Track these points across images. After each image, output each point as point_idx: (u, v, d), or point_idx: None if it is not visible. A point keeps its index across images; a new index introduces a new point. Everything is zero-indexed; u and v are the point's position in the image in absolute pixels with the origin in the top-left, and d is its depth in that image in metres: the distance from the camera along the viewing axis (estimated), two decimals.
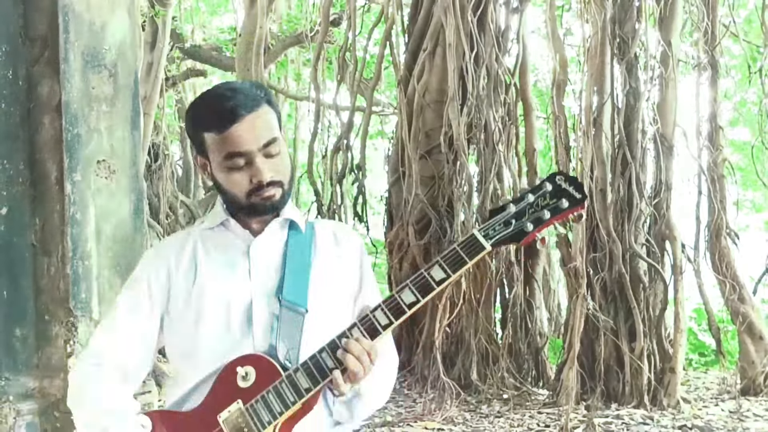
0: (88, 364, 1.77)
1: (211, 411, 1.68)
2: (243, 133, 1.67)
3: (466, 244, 1.66)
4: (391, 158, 8.39)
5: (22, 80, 3.18)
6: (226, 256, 1.79)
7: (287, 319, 1.72)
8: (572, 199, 1.66)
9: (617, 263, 6.16)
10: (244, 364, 1.68)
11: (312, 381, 1.64)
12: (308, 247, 1.82)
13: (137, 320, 1.78)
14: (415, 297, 1.65)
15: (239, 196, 1.73)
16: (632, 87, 6.42)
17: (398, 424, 5.58)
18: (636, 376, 6.07)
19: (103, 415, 1.71)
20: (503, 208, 1.68)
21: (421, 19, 7.80)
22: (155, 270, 1.80)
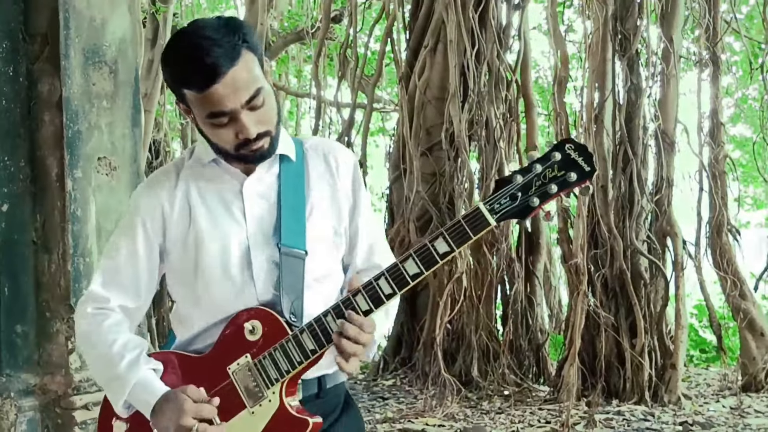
0: (92, 308, 1.78)
1: (220, 361, 1.72)
2: (225, 92, 1.60)
3: (471, 217, 1.61)
4: (392, 155, 8.38)
5: (22, 77, 3.18)
6: (219, 196, 1.77)
7: (288, 267, 1.72)
8: (581, 171, 1.58)
9: (618, 260, 6.15)
10: (250, 318, 1.71)
11: (317, 343, 1.66)
12: (301, 177, 1.80)
13: (136, 259, 1.78)
14: (418, 269, 1.63)
15: (227, 148, 1.70)
16: (633, 83, 6.42)
17: (399, 420, 5.59)
18: (637, 372, 6.08)
19: (113, 364, 1.73)
20: (510, 179, 1.61)
21: (422, 16, 7.78)
22: (150, 209, 1.78)
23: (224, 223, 1.76)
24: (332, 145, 1.89)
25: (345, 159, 1.86)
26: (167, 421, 1.66)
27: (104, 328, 1.77)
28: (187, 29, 1.67)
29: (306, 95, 12.36)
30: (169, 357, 1.80)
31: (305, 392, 1.77)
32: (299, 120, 14.00)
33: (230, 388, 1.71)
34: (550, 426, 5.36)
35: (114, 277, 1.80)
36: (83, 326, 1.80)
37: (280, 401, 1.70)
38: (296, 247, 1.73)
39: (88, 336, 1.79)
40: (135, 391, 1.71)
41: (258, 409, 1.70)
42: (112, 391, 1.75)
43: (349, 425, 1.87)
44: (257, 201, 1.77)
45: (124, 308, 1.81)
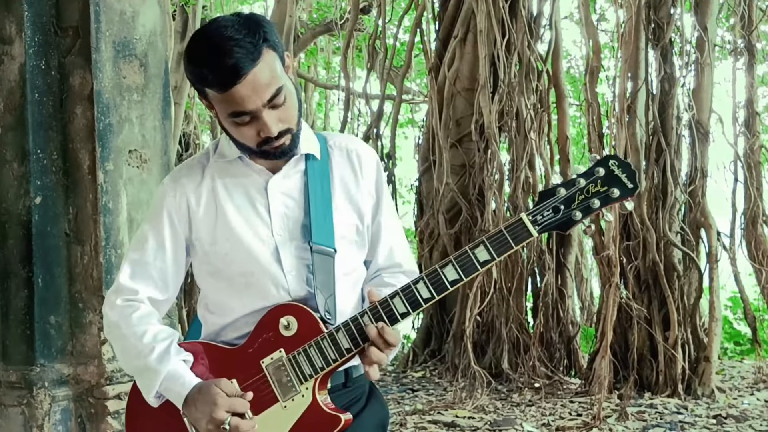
0: (121, 300, 1.80)
1: (253, 354, 1.73)
2: (246, 92, 1.61)
3: (513, 228, 1.64)
4: (421, 147, 8.35)
5: (54, 70, 3.20)
6: (245, 192, 1.79)
7: (319, 265, 1.73)
8: (623, 188, 1.61)
9: (651, 251, 6.10)
10: (285, 314, 1.72)
11: (353, 343, 1.68)
12: (326, 175, 1.81)
13: (164, 251, 1.80)
14: (458, 275, 1.65)
15: (249, 145, 1.71)
16: (667, 73, 6.34)
17: (429, 413, 5.58)
18: (670, 365, 6.03)
19: (143, 355, 1.74)
20: (553, 191, 1.64)
21: (452, 6, 7.74)
22: (176, 203, 1.79)
23: (250, 220, 1.77)
24: (355, 143, 1.90)
25: (368, 157, 1.87)
26: (200, 413, 1.67)
27: (134, 319, 1.78)
28: (208, 29, 1.67)
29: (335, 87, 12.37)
30: (199, 348, 1.81)
31: (332, 382, 1.78)
32: (328, 112, 14.01)
33: (263, 381, 1.72)
34: (582, 419, 5.33)
35: (142, 270, 1.81)
36: (112, 318, 1.81)
37: (313, 397, 1.71)
38: (327, 245, 1.75)
39: (117, 327, 1.80)
40: (166, 382, 1.72)
41: (290, 404, 1.71)
42: (143, 382, 1.77)
43: (375, 414, 1.88)
44: (282, 198, 1.78)
45: (153, 300, 1.82)
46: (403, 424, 5.28)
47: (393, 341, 1.66)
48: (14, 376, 3.12)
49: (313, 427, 1.70)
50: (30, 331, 3.13)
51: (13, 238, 3.15)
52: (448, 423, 5.28)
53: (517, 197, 6.93)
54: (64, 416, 3.17)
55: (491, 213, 6.85)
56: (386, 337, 1.65)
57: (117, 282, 1.83)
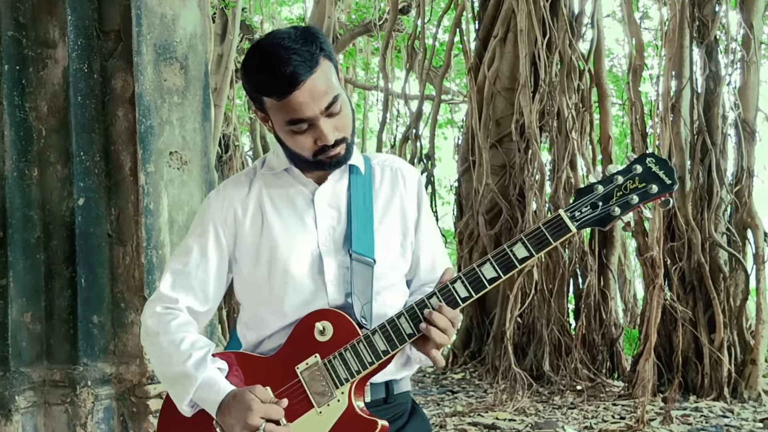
0: (161, 308, 1.80)
1: (288, 360, 1.72)
2: (304, 99, 1.63)
3: (551, 224, 1.64)
4: (460, 147, 8.33)
5: (96, 73, 3.23)
6: (291, 204, 1.80)
7: (358, 272, 1.74)
8: (662, 185, 1.61)
9: (696, 252, 6.02)
10: (321, 319, 1.71)
11: (390, 345, 1.67)
12: (369, 189, 1.83)
13: (206, 263, 1.81)
14: (496, 273, 1.65)
15: (305, 155, 1.73)
16: (712, 71, 6.25)
17: (469, 414, 5.55)
18: (715, 367, 5.96)
19: (181, 361, 1.73)
20: (591, 188, 1.64)
21: (492, 5, 7.70)
22: (222, 215, 1.81)
23: (296, 231, 1.78)
24: (399, 162, 1.92)
25: (411, 176, 1.89)
26: (234, 419, 1.65)
27: (172, 327, 1.78)
28: (265, 40, 1.70)
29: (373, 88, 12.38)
30: (233, 357, 1.80)
31: (373, 396, 1.77)
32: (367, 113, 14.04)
33: (297, 387, 1.71)
34: (625, 422, 5.26)
35: (183, 280, 1.81)
36: (151, 325, 1.81)
37: (349, 402, 1.69)
38: (366, 255, 1.75)
39: (155, 334, 1.80)
40: (201, 389, 1.71)
41: (326, 410, 1.69)
42: (177, 389, 1.75)
43: (417, 430, 1.86)
44: (327, 210, 1.79)
45: (192, 310, 1.82)
46: (443, 425, 5.26)
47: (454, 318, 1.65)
48: (58, 375, 3.16)
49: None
50: (73, 331, 3.16)
51: (57, 239, 3.19)
52: (488, 425, 5.24)
53: (558, 198, 6.87)
54: (107, 415, 3.20)
55: (532, 214, 6.80)
56: (446, 314, 1.64)
57: (158, 291, 1.83)
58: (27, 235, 3.16)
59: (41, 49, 3.20)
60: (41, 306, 3.19)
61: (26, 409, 3.11)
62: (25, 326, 3.15)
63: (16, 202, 3.14)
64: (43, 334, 3.19)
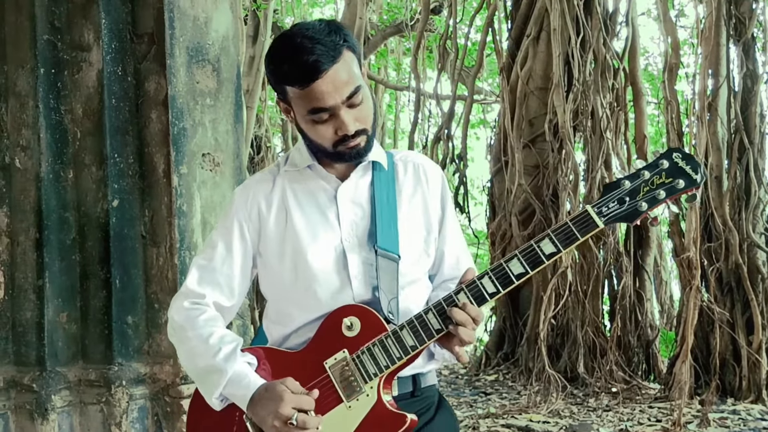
0: (188, 303, 1.82)
1: (316, 356, 1.74)
2: (326, 88, 1.65)
3: (578, 219, 1.64)
4: (493, 147, 8.29)
5: (130, 76, 3.26)
6: (315, 201, 1.82)
7: (384, 268, 1.75)
8: (688, 179, 1.61)
9: (734, 253, 5.93)
10: (348, 314, 1.73)
11: (418, 340, 1.68)
12: (392, 186, 1.84)
13: (231, 259, 1.83)
14: (523, 268, 1.65)
15: (325, 145, 1.74)
16: (750, 69, 6.17)
17: (502, 416, 5.52)
18: (754, 370, 5.88)
19: (210, 355, 1.75)
20: (618, 183, 1.65)
21: (525, 4, 7.66)
22: (246, 211, 1.83)
23: (320, 227, 1.79)
24: (421, 159, 1.94)
25: (433, 172, 1.91)
26: (266, 410, 1.67)
27: (200, 321, 1.79)
28: (290, 31, 1.72)
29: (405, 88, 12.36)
30: (261, 352, 1.82)
31: (400, 390, 1.78)
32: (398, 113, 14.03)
33: (326, 382, 1.72)
34: (661, 425, 5.20)
35: (210, 275, 1.83)
36: (178, 320, 1.82)
37: (378, 396, 1.70)
38: (391, 251, 1.77)
39: (183, 329, 1.81)
40: (231, 383, 1.72)
41: (355, 404, 1.71)
42: (207, 384, 1.76)
43: (444, 425, 1.87)
44: (350, 206, 1.81)
45: (218, 305, 1.84)
46: (476, 427, 5.23)
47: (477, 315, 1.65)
48: (93, 374, 3.19)
49: (378, 426, 1.69)
50: (108, 331, 3.20)
51: (92, 240, 3.22)
52: (522, 427, 5.21)
53: (592, 198, 6.81)
54: (141, 414, 3.23)
55: (565, 214, 6.74)
56: (470, 313, 1.64)
57: (184, 286, 1.85)
58: (63, 236, 3.20)
59: (76, 53, 3.23)
60: (77, 306, 3.23)
61: (62, 409, 3.15)
62: (61, 326, 3.19)
63: (51, 203, 3.18)
64: (79, 335, 3.23)
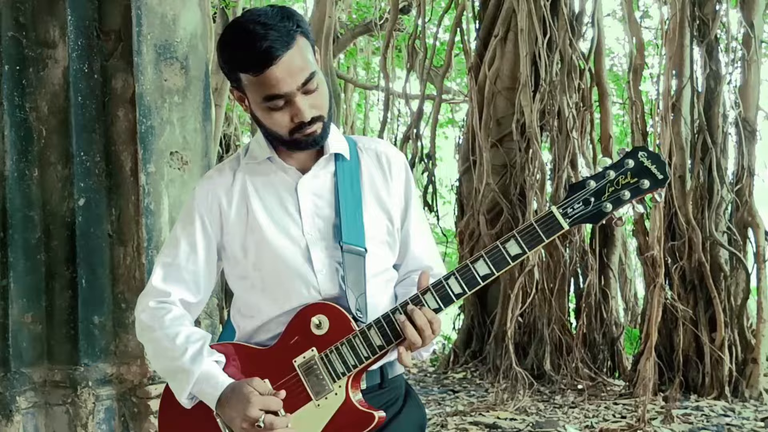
0: (154, 302, 1.81)
1: (285, 354, 1.73)
2: (281, 75, 1.63)
3: (544, 221, 1.63)
4: (461, 147, 8.32)
5: (97, 74, 3.23)
6: (275, 193, 1.80)
7: (350, 264, 1.74)
8: (654, 180, 1.60)
9: (697, 252, 6.03)
10: (317, 313, 1.72)
11: (385, 339, 1.68)
12: (357, 176, 1.82)
13: (195, 254, 1.81)
14: (489, 269, 1.65)
15: (281, 133, 1.73)
16: (713, 70, 6.27)
17: (470, 414, 5.56)
18: (716, 366, 5.97)
19: (176, 356, 1.74)
20: (583, 184, 1.64)
21: (493, 5, 7.70)
22: (207, 205, 1.81)
23: (281, 220, 1.78)
24: (384, 146, 1.92)
25: (397, 160, 1.89)
26: (234, 411, 1.67)
27: (166, 321, 1.79)
28: (242, 17, 1.71)
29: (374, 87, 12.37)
30: (231, 349, 1.81)
31: (368, 382, 1.78)
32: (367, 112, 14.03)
33: (295, 381, 1.73)
34: (626, 421, 5.26)
35: (174, 272, 1.82)
36: (145, 320, 1.81)
37: (346, 395, 1.71)
38: (357, 245, 1.76)
39: (150, 330, 1.80)
40: (199, 383, 1.72)
41: (323, 402, 1.71)
42: (176, 383, 1.77)
43: (412, 415, 1.87)
44: (312, 198, 1.79)
45: (185, 302, 1.83)
46: (444, 425, 5.26)
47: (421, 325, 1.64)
48: (59, 375, 3.16)
49: (346, 425, 1.70)
50: (74, 331, 3.17)
51: (58, 240, 3.19)
52: (489, 424, 5.25)
53: (559, 197, 6.87)
54: (108, 415, 3.20)
55: (533, 213, 6.80)
56: (417, 321, 1.63)
57: (149, 284, 1.84)
58: (27, 235, 3.16)
59: (41, 50, 3.19)
60: (42, 306, 3.19)
61: (27, 410, 3.11)
62: (26, 327, 3.15)
63: (16, 202, 3.14)
64: (44, 335, 3.19)
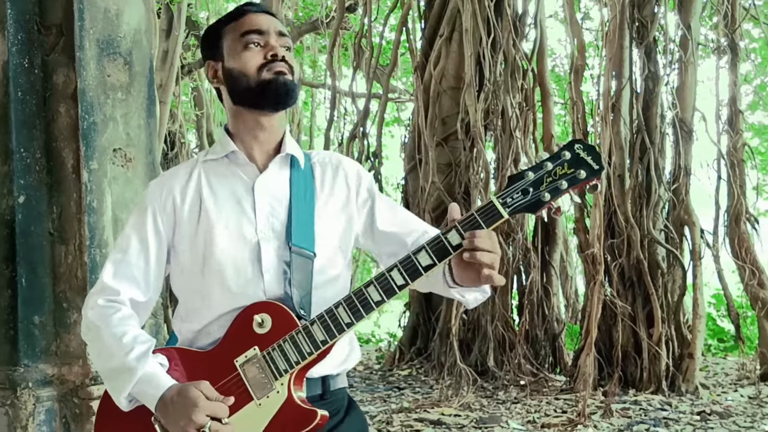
0: (103, 300, 1.79)
1: (227, 354, 1.72)
2: (260, 18, 1.82)
3: (484, 210, 1.65)
4: (407, 145, 8.37)
5: (38, 68, 3.17)
6: (231, 191, 1.81)
7: (298, 265, 1.75)
8: (590, 170, 1.64)
9: (635, 249, 6.14)
10: (260, 311, 1.72)
11: (328, 334, 1.68)
12: (310, 183, 1.85)
13: (146, 252, 1.81)
14: (431, 260, 1.66)
15: (250, 72, 1.78)
16: (651, 71, 6.39)
17: (415, 410, 5.59)
18: (654, 362, 6.07)
19: (122, 354, 1.72)
20: (521, 175, 1.67)
21: (438, 5, 7.76)
22: (161, 203, 1.82)
23: (234, 217, 1.78)
24: (338, 157, 1.96)
25: (351, 167, 1.92)
26: (178, 414, 1.64)
27: (114, 320, 1.77)
28: None
29: (321, 85, 12.35)
30: (173, 353, 1.79)
31: (309, 392, 1.77)
32: (314, 110, 13.99)
33: (236, 380, 1.71)
34: (567, 416, 5.35)
35: (125, 269, 1.81)
36: (92, 318, 1.79)
37: (288, 393, 1.70)
38: (306, 248, 1.77)
39: (96, 327, 1.78)
40: (141, 383, 1.69)
41: (265, 401, 1.70)
42: (117, 382, 1.73)
43: (353, 427, 1.87)
44: (268, 199, 1.80)
45: (134, 302, 1.82)
46: (390, 422, 5.29)
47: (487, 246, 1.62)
48: None
49: (288, 423, 1.69)
50: (14, 331, 3.10)
51: None
52: (434, 421, 5.29)
53: None
54: (49, 417, 3.15)
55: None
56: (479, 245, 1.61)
57: (99, 281, 1.82)
58: None
59: None
60: None
61: None
62: None
63: None
64: None
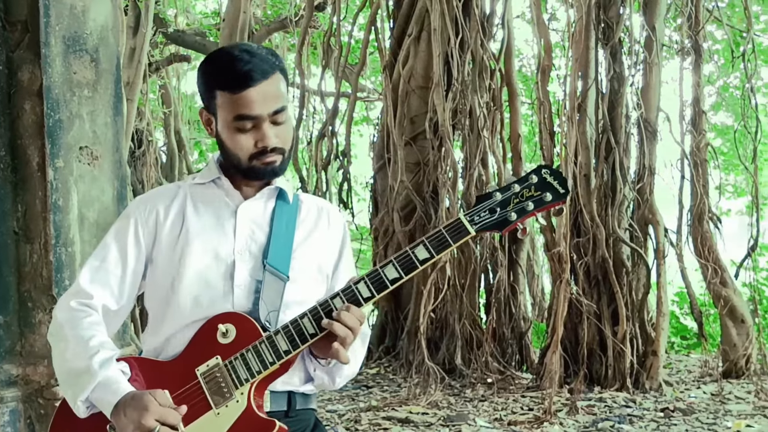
0: (75, 303, 1.79)
1: (189, 363, 1.73)
2: (255, 98, 1.74)
3: (451, 227, 1.72)
4: (376, 144, 8.37)
5: (2, 65, 3.14)
6: (214, 213, 1.85)
7: (269, 284, 1.78)
8: (556, 193, 1.73)
9: (600, 248, 6.19)
10: (225, 321, 1.73)
11: (292, 344, 1.70)
12: (293, 217, 1.88)
13: (125, 261, 1.83)
14: (398, 273, 1.71)
15: (242, 157, 1.79)
16: (616, 72, 6.45)
17: (383, 409, 5.60)
18: (619, 359, 6.13)
19: (86, 357, 1.71)
20: (489, 195, 1.75)
21: (407, 4, 7.77)
22: (144, 216, 1.85)
23: (213, 235, 1.82)
24: (327, 204, 2.01)
25: (336, 218, 1.97)
26: (129, 419, 1.63)
27: (84, 323, 1.77)
28: (231, 45, 1.84)
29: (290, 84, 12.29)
30: (134, 362, 1.79)
31: (274, 407, 1.78)
32: None
33: (196, 389, 1.71)
34: (533, 413, 5.39)
35: (101, 276, 1.82)
36: (61, 318, 1.79)
37: (248, 402, 1.69)
38: (280, 271, 1.80)
39: (62, 328, 1.78)
40: (100, 386, 1.68)
41: (224, 410, 1.69)
42: (75, 386, 1.71)
43: None
44: (249, 224, 1.84)
45: (106, 309, 1.82)
46: (358, 420, 5.30)
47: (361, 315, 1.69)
48: None
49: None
50: None
51: None
52: (402, 419, 5.31)
53: (470, 195, 6.99)
54: (13, 417, 3.12)
55: (445, 210, 6.89)
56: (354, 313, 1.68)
57: (75, 284, 1.83)
58: None
59: None
60: None
61: None
62: None
63: None
64: None
